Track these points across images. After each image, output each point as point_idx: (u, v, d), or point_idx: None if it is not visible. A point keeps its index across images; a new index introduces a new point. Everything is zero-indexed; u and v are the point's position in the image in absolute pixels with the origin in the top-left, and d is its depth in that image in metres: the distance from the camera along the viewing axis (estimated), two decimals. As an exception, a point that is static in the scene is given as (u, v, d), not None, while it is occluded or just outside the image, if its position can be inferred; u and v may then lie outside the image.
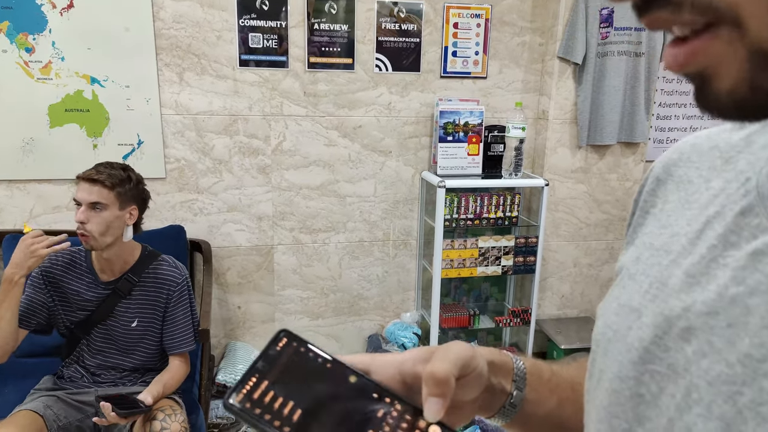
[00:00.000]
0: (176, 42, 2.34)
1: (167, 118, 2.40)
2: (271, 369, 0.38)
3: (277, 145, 2.52)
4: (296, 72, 2.46)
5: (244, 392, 0.36)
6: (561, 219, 2.76)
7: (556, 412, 0.51)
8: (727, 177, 0.39)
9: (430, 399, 0.38)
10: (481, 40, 2.59)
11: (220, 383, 2.41)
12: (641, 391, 0.36)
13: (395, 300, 2.82)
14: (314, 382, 0.38)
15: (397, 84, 2.57)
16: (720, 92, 0.27)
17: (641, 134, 2.66)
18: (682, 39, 0.27)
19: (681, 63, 0.28)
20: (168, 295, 1.85)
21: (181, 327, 1.87)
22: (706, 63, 0.27)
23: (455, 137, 2.52)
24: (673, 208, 0.42)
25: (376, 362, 0.42)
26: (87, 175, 1.70)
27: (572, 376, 0.54)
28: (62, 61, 2.27)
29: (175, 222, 2.47)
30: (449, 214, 2.49)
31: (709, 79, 0.27)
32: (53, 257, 1.81)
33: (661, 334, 0.36)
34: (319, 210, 2.63)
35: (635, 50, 2.56)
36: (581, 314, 2.92)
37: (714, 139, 0.43)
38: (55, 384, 1.85)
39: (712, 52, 0.26)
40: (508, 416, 0.50)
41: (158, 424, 1.67)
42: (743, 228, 0.34)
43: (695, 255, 0.36)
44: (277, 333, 0.40)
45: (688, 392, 0.33)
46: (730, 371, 0.31)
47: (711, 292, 0.34)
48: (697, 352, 0.33)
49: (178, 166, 2.45)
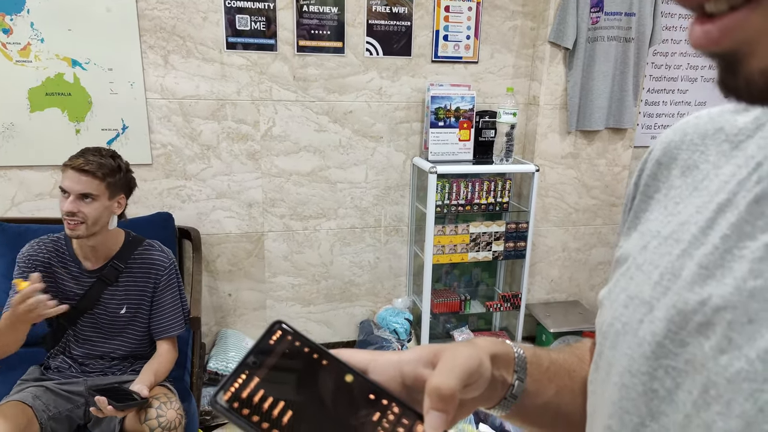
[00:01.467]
0: (160, 23, 2.27)
1: (152, 103, 2.34)
2: (263, 365, 0.36)
3: (266, 130, 2.48)
4: (285, 55, 2.41)
5: (232, 390, 0.34)
6: (551, 204, 2.78)
7: (554, 400, 0.51)
8: (738, 162, 0.38)
9: (432, 413, 0.37)
10: (473, 24, 2.57)
11: (212, 371, 2.39)
12: (655, 387, 0.36)
13: (387, 286, 2.82)
14: (308, 381, 0.36)
15: (388, 68, 2.53)
16: (754, 72, 0.25)
17: (629, 120, 2.68)
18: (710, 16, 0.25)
19: (715, 39, 0.25)
20: (156, 280, 1.82)
21: (170, 311, 1.84)
22: (742, 39, 0.25)
23: (446, 123, 2.50)
24: (680, 194, 0.41)
25: (375, 362, 0.41)
26: (77, 164, 1.62)
27: (568, 362, 0.54)
28: (42, 42, 2.18)
29: (162, 209, 2.42)
30: (440, 199, 2.49)
31: (743, 58, 0.25)
32: (38, 245, 1.77)
33: (675, 328, 0.35)
34: (310, 196, 2.60)
35: (625, 35, 2.57)
36: (569, 298, 2.96)
37: (718, 121, 0.41)
38: (42, 374, 1.81)
39: (751, 26, 0.24)
40: (507, 407, 0.49)
41: (154, 411, 1.66)
42: (758, 217, 0.33)
43: (708, 245, 0.35)
44: (272, 325, 0.38)
45: (706, 389, 0.32)
46: (750, 368, 0.30)
47: (728, 286, 0.33)
48: (714, 348, 0.32)
49: (164, 152, 2.40)
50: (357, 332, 2.80)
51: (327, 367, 0.37)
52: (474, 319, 2.96)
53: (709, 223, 0.36)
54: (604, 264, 2.95)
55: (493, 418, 2.33)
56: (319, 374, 0.37)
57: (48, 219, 2.29)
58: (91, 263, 1.78)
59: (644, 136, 2.90)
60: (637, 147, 2.84)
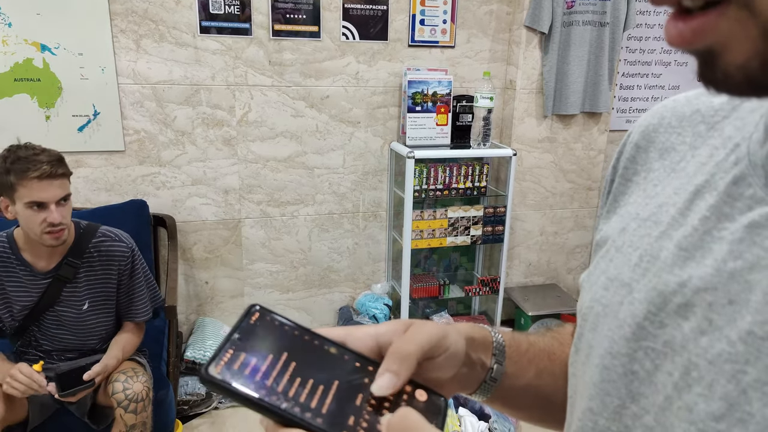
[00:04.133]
0: (131, 7, 2.23)
1: (124, 88, 2.30)
2: (248, 341, 0.36)
3: (242, 116, 2.45)
4: (260, 40, 2.39)
5: (222, 364, 0.34)
6: (528, 188, 2.80)
7: (534, 382, 0.52)
8: (715, 144, 0.38)
9: (384, 374, 0.37)
10: (449, 8, 2.56)
11: (189, 360, 2.37)
12: (635, 368, 0.36)
13: (366, 272, 2.82)
14: (294, 354, 0.37)
15: (365, 53, 2.52)
16: (729, 67, 0.25)
17: (604, 104, 2.70)
18: (686, 12, 0.26)
19: (688, 40, 0.26)
20: (119, 271, 1.75)
21: (138, 298, 1.81)
22: (713, 40, 0.25)
23: (424, 107, 2.50)
24: (658, 176, 0.41)
25: (352, 335, 0.41)
26: (45, 172, 1.51)
27: (548, 345, 0.54)
28: (9, 27, 2.13)
29: (136, 196, 2.39)
30: (418, 184, 2.49)
31: (718, 55, 0.26)
32: None
33: (655, 310, 0.35)
34: (287, 182, 2.58)
35: (600, 20, 2.58)
36: (547, 281, 2.99)
37: (694, 103, 0.42)
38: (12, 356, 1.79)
39: (720, 30, 0.25)
40: (488, 391, 0.49)
41: (120, 385, 1.67)
42: (737, 198, 0.33)
43: (687, 227, 0.35)
44: (249, 307, 0.38)
45: (687, 371, 0.32)
46: (731, 349, 0.30)
47: (708, 267, 0.33)
48: (695, 330, 0.32)
49: (138, 138, 2.36)
50: (336, 318, 2.80)
51: (310, 341, 0.38)
52: (453, 303, 2.97)
53: (687, 204, 0.37)
54: (581, 247, 2.99)
55: (473, 403, 2.35)
56: (305, 347, 0.37)
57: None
58: (44, 263, 1.68)
59: (619, 119, 2.93)
60: (613, 131, 2.86)
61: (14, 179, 1.50)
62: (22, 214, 1.54)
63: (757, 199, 0.32)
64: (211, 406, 2.37)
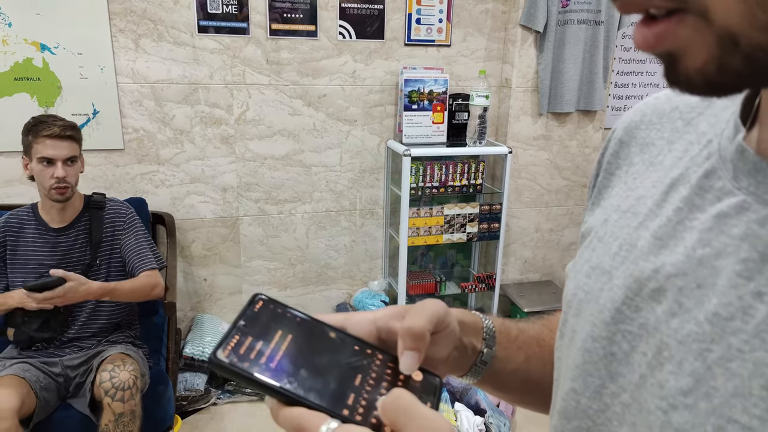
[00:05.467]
0: (130, 6, 2.25)
1: (123, 87, 2.32)
2: (253, 327, 0.38)
3: (240, 114, 2.48)
4: (258, 39, 2.41)
5: (229, 348, 0.36)
6: (524, 186, 2.82)
7: (523, 366, 0.54)
8: (690, 139, 0.40)
9: (405, 353, 0.39)
10: (445, 7, 2.59)
11: (188, 356, 2.39)
12: (613, 350, 0.38)
13: (363, 269, 2.84)
14: (297, 339, 0.39)
15: (361, 52, 2.54)
16: (689, 70, 0.27)
17: (599, 102, 2.72)
18: (652, 18, 0.28)
19: (651, 44, 0.28)
20: (121, 226, 1.95)
21: (142, 251, 1.94)
22: (673, 46, 0.27)
23: (420, 105, 2.52)
24: (638, 170, 0.43)
25: (350, 320, 0.43)
26: (55, 132, 1.76)
27: (538, 332, 0.56)
28: (9, 27, 2.15)
29: (135, 194, 2.41)
30: (415, 182, 2.51)
31: (678, 59, 0.28)
32: (8, 222, 1.87)
33: (632, 295, 0.37)
34: (285, 180, 2.60)
35: (595, 18, 2.60)
36: (543, 278, 3.02)
37: (674, 100, 0.44)
38: (19, 354, 1.85)
39: (679, 36, 0.27)
40: (478, 374, 0.51)
41: (107, 374, 1.72)
42: (707, 191, 0.36)
43: (662, 217, 0.38)
44: (253, 297, 0.40)
45: (659, 350, 0.34)
46: (699, 330, 0.32)
47: (679, 254, 0.35)
48: (666, 312, 0.34)
49: (136, 136, 2.38)
50: (334, 315, 2.82)
51: (311, 327, 0.40)
52: (449, 300, 2.99)
53: (663, 196, 0.39)
54: (576, 244, 3.00)
55: (468, 397, 2.37)
56: (306, 332, 0.40)
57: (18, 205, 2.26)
58: (56, 223, 1.90)
59: (614, 117, 2.95)
60: (608, 129, 2.89)
61: (31, 138, 1.78)
62: (36, 170, 1.79)
63: (725, 191, 0.34)
64: (209, 401, 2.39)
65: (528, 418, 2.37)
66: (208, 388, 2.39)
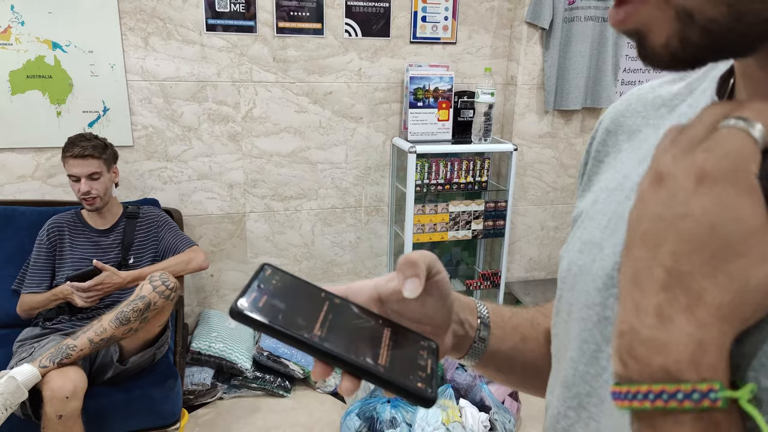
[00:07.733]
0: (140, 5, 2.29)
1: (133, 84, 2.36)
2: (267, 288, 0.42)
3: (247, 112, 2.50)
4: (265, 37, 2.44)
5: (250, 300, 0.40)
6: (529, 183, 2.82)
7: (520, 346, 0.56)
8: (673, 120, 0.42)
9: (407, 280, 0.43)
10: (450, 5, 2.60)
11: (195, 351, 2.42)
12: (607, 314, 0.40)
13: (368, 265, 2.86)
14: (303, 299, 0.43)
15: (367, 49, 2.56)
16: (655, 46, 0.30)
17: (607, 99, 2.71)
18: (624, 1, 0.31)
19: (621, 21, 0.32)
20: (157, 225, 2.17)
21: (179, 236, 2.17)
22: (639, 22, 0.31)
23: (425, 103, 2.53)
24: (626, 156, 0.46)
25: (352, 288, 0.48)
26: (76, 153, 1.95)
27: (531, 315, 0.58)
28: (22, 25, 2.20)
29: (144, 191, 2.45)
30: (420, 179, 2.52)
31: (644, 35, 0.31)
32: (56, 223, 2.07)
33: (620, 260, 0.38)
34: (291, 177, 2.63)
35: (602, 15, 2.60)
36: (548, 276, 3.01)
37: (657, 90, 0.47)
38: (41, 332, 1.96)
39: (643, 14, 0.30)
40: (477, 354, 0.53)
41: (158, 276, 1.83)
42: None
43: None
44: (261, 266, 0.44)
45: None
46: None
47: None
48: None
49: (146, 133, 2.42)
50: (340, 312, 2.84)
51: (318, 292, 0.45)
52: (456, 298, 3.00)
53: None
54: (583, 243, 3.00)
55: (473, 394, 2.38)
56: (311, 295, 0.44)
57: (31, 201, 2.31)
58: (99, 226, 2.10)
59: (622, 116, 2.94)
60: (615, 127, 2.88)
61: (62, 157, 2.00)
62: (70, 183, 2.03)
63: None
64: (216, 396, 2.42)
65: (533, 416, 2.37)
66: (214, 382, 2.42)
